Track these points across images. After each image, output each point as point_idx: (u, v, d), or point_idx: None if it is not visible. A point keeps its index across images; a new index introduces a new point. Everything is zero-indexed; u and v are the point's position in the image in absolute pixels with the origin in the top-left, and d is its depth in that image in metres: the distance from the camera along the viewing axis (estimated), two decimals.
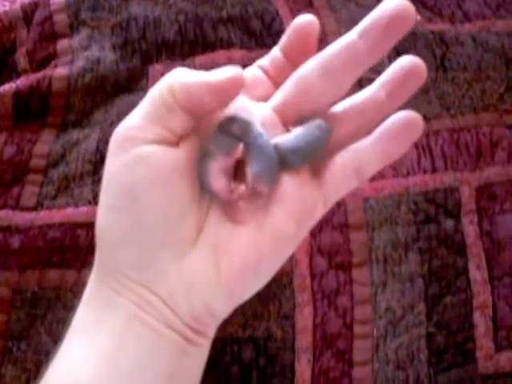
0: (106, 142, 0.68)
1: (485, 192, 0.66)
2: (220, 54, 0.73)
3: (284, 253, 0.32)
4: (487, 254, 0.63)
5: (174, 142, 0.30)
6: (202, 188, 0.29)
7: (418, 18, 0.78)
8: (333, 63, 0.32)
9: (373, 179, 0.66)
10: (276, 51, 0.36)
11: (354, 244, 0.63)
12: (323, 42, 0.76)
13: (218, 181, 0.28)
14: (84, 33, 0.74)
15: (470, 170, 0.67)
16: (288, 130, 0.32)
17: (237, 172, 0.31)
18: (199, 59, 0.74)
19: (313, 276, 0.62)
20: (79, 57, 0.72)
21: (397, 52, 0.73)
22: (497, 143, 0.69)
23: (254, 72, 0.35)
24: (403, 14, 0.30)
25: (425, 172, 0.67)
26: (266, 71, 0.35)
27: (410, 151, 0.68)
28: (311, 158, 0.30)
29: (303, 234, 0.32)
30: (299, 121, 0.32)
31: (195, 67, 0.74)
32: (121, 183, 0.29)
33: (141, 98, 0.72)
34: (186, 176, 0.29)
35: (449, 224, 0.64)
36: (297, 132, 0.30)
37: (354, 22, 0.76)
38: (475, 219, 0.65)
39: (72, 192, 0.65)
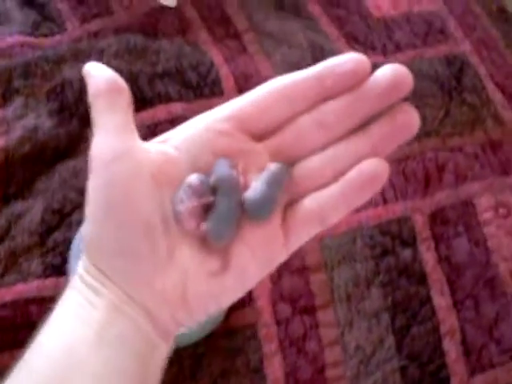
0: (52, 212, 0.67)
1: (437, 217, 0.67)
2: (160, 108, 0.73)
3: (245, 288, 0.32)
4: (448, 279, 0.64)
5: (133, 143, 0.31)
6: (176, 222, 0.31)
7: None
8: (330, 117, 0.31)
9: None
10: (311, 78, 0.32)
11: (315, 286, 0.62)
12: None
13: (189, 221, 0.30)
14: (18, 102, 0.72)
15: (420, 198, 0.68)
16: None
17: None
18: (139, 116, 0.73)
19: (278, 324, 0.61)
20: (15, 127, 0.70)
21: None
22: (443, 167, 0.70)
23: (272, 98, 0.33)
24: (401, 82, 0.31)
25: (376, 205, 0.67)
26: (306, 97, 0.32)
27: None
28: (272, 208, 0.31)
29: (265, 274, 0.32)
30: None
31: (136, 125, 0.72)
32: (100, 197, 0.30)
33: (82, 162, 0.71)
34: (152, 192, 0.30)
35: (406, 254, 0.64)
36: (256, 186, 0.31)
37: (288, 65, 0.77)
38: (432, 246, 0.65)
39: (20, 267, 0.63)
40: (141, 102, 0.74)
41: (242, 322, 0.61)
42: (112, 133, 0.31)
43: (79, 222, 0.65)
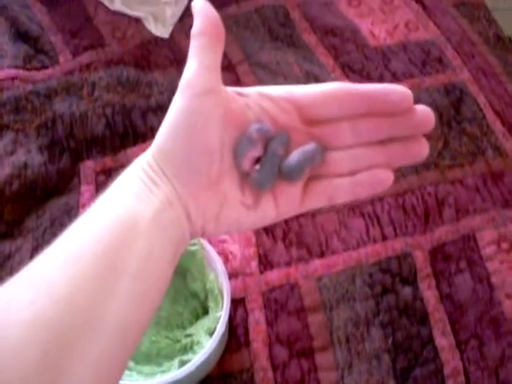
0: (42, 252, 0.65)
1: (438, 253, 0.65)
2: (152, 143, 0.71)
3: (261, 225, 0.40)
4: (450, 318, 0.61)
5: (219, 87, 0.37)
6: (235, 159, 0.38)
7: None
8: (363, 129, 0.39)
9: (323, 255, 0.64)
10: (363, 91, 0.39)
11: (313, 327, 0.60)
12: None
13: (248, 163, 0.37)
14: (8, 137, 0.71)
15: (420, 233, 0.66)
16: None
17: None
18: (131, 151, 0.72)
19: (274, 368, 0.58)
20: (4, 164, 0.68)
21: None
22: (443, 201, 0.68)
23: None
24: (427, 124, 0.38)
25: (375, 241, 0.65)
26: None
27: (358, 221, 0.66)
28: (303, 175, 0.39)
29: (278, 220, 0.40)
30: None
31: (127, 160, 0.71)
32: (183, 117, 0.35)
33: (73, 199, 0.69)
34: (229, 125, 0.37)
35: (407, 292, 0.62)
36: (296, 155, 0.38)
37: None
38: (433, 283, 0.63)
39: None
40: (133, 137, 0.73)
41: (237, 365, 0.59)
42: (206, 69, 0.36)
43: None
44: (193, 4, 0.38)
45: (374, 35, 0.85)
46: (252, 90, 0.39)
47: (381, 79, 0.79)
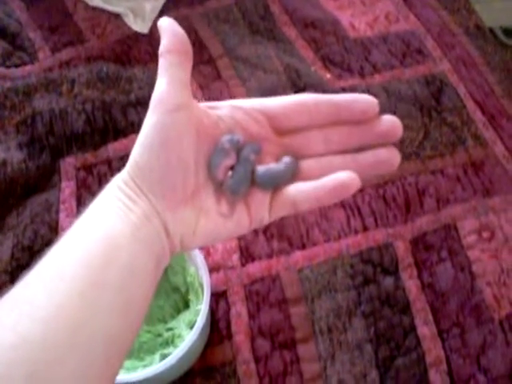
0: (22, 249, 0.64)
1: (420, 243, 0.65)
2: (132, 138, 0.71)
3: (237, 234, 0.41)
4: (432, 307, 0.62)
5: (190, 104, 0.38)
6: (209, 170, 0.38)
7: (328, 76, 0.78)
8: (334, 137, 0.40)
9: (304, 247, 0.64)
10: (332, 102, 0.40)
11: (295, 319, 0.60)
12: None
13: (222, 172, 0.38)
14: None
15: (401, 223, 0.66)
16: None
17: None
18: (112, 146, 0.72)
19: (257, 360, 0.58)
20: None
21: None
22: (424, 191, 0.69)
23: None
24: (395, 133, 0.39)
25: (356, 232, 0.65)
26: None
27: (338, 212, 0.66)
28: (275, 186, 0.39)
29: (252, 228, 0.41)
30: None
31: (108, 155, 0.71)
32: (157, 133, 0.36)
33: (54, 196, 0.69)
34: (203, 140, 0.38)
35: (388, 282, 0.63)
36: (271, 165, 0.39)
37: (263, 90, 0.75)
38: (414, 273, 0.63)
39: None
40: (114, 132, 0.73)
41: (220, 358, 0.59)
42: (176, 86, 0.37)
43: None
44: (159, 23, 0.38)
45: (354, 27, 0.85)
46: (225, 104, 0.40)
47: (361, 71, 0.79)
